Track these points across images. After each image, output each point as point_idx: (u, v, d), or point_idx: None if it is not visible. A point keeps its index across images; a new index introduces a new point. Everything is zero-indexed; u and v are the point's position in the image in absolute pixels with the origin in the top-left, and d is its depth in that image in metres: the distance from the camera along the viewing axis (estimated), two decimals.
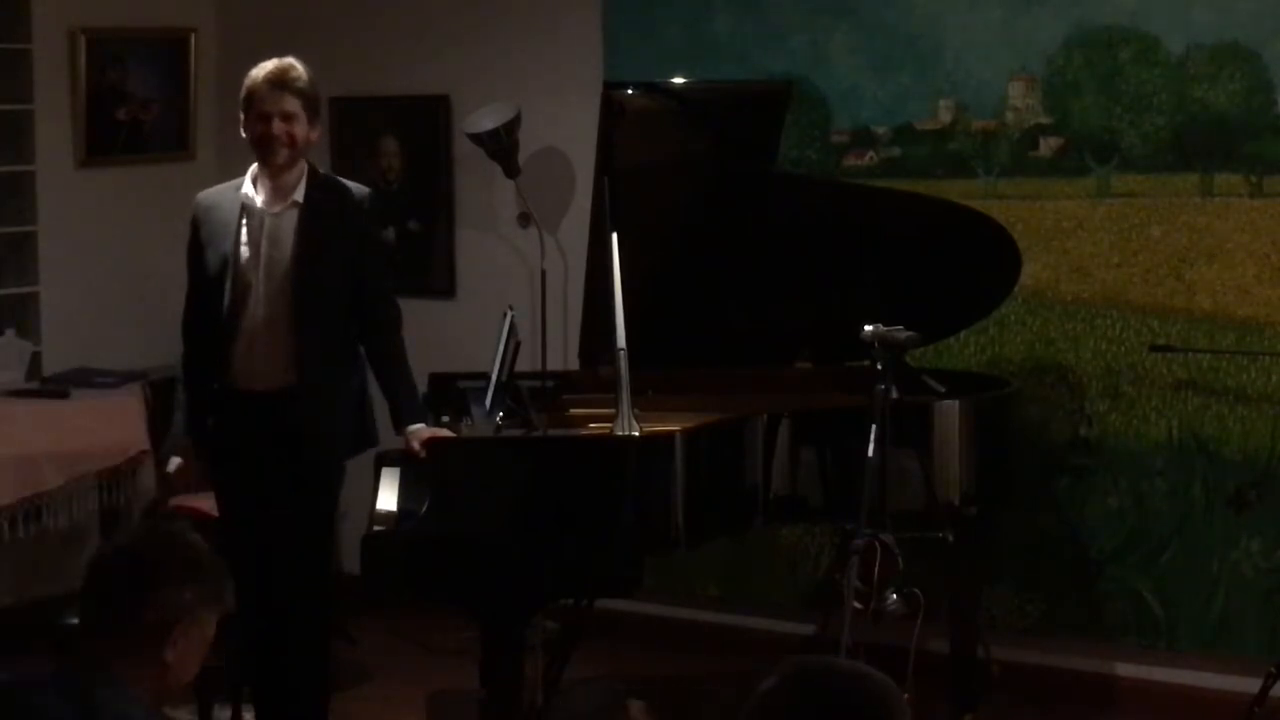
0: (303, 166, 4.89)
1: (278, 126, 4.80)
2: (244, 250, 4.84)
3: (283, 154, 4.81)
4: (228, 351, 4.86)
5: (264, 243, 4.84)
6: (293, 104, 4.81)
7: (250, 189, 4.87)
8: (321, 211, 4.85)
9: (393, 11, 6.76)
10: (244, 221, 4.85)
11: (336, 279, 4.85)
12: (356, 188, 4.98)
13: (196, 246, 4.96)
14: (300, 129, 4.82)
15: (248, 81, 4.88)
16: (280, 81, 4.83)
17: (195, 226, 4.96)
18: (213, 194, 4.98)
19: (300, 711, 5.01)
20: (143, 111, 6.84)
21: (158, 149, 6.92)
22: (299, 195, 4.85)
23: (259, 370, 4.86)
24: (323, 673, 5.06)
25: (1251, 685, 5.16)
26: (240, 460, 4.93)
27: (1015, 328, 5.74)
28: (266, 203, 4.86)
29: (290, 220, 4.85)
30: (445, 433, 4.84)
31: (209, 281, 4.89)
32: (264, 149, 4.84)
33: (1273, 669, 5.09)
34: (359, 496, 5.05)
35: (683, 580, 6.20)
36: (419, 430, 4.78)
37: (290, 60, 4.89)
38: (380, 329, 4.94)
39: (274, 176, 4.85)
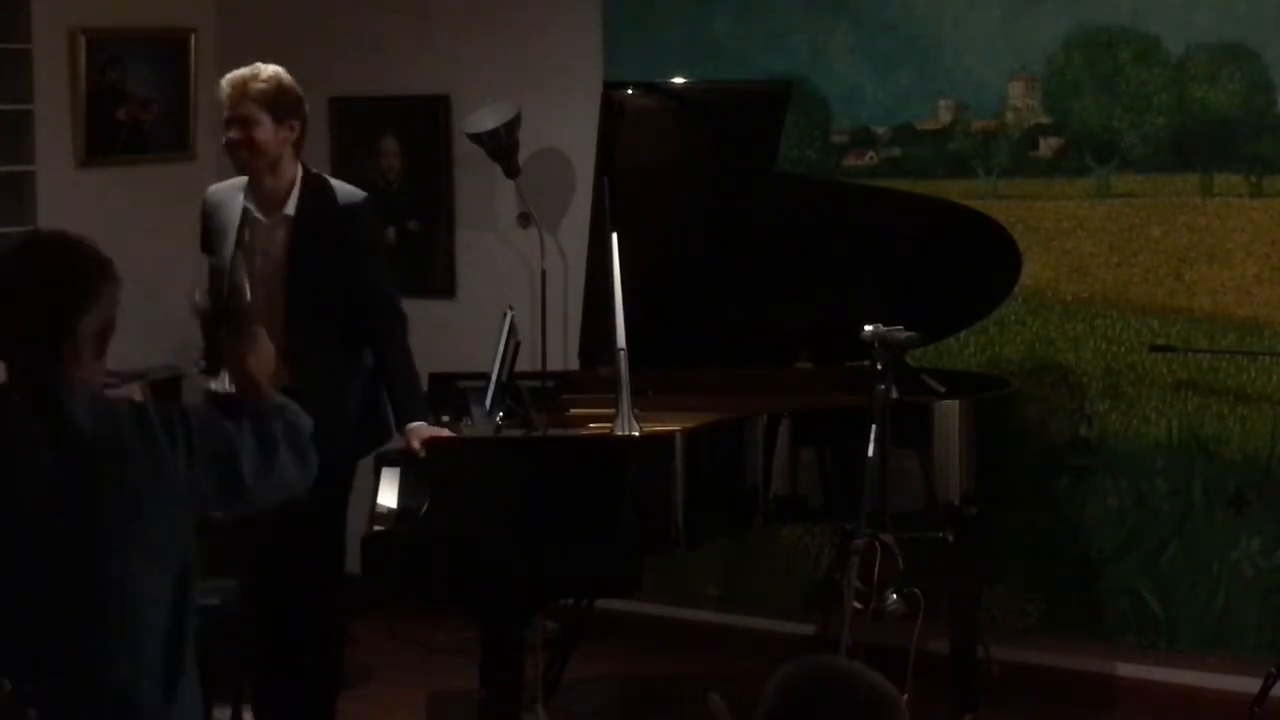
0: (294, 173, 4.89)
1: (234, 133, 4.83)
2: (239, 257, 4.85)
3: (242, 156, 4.84)
4: None
5: (258, 256, 4.86)
6: (249, 108, 4.80)
7: (248, 194, 4.89)
8: (313, 222, 4.85)
9: (393, 11, 6.76)
10: (243, 228, 4.87)
11: (331, 286, 4.85)
12: (350, 194, 4.95)
13: (206, 239, 5.01)
14: (261, 132, 4.81)
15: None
16: (236, 88, 4.83)
17: (204, 219, 5.02)
18: (221, 192, 5.01)
19: (308, 710, 5.01)
20: (143, 111, 6.83)
21: (158, 149, 6.91)
22: (290, 208, 4.86)
23: None
24: (334, 671, 5.07)
25: (1251, 685, 5.17)
26: None
27: (1015, 328, 5.74)
28: (261, 210, 4.88)
29: (281, 233, 4.86)
30: (445, 432, 4.84)
31: (214, 279, 4.92)
32: (230, 155, 4.90)
33: (1273, 669, 5.10)
34: (359, 497, 5.04)
35: (683, 580, 6.20)
36: (419, 429, 4.78)
37: (257, 65, 4.88)
38: (381, 332, 4.93)
39: (258, 182, 4.87)
